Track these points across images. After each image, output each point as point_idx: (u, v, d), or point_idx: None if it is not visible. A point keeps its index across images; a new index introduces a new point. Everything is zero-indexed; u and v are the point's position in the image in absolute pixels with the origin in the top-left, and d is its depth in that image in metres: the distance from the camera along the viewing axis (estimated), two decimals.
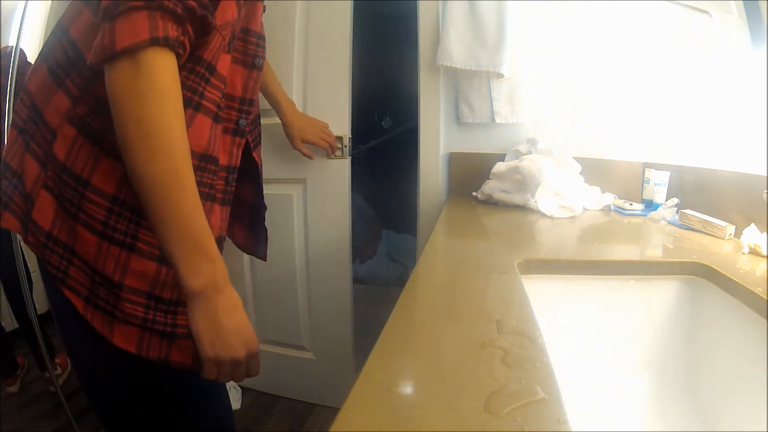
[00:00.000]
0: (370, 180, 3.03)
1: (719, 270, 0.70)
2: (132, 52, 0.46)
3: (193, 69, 0.58)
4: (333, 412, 1.37)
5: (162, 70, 0.48)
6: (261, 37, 0.67)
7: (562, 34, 1.35)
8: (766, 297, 0.59)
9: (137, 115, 0.48)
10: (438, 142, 1.48)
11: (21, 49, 1.38)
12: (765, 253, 0.77)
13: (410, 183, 1.75)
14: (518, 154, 1.32)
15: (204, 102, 0.61)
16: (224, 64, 0.62)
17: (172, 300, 0.62)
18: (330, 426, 0.32)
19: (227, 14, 0.57)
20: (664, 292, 0.76)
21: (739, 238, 0.84)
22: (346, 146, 1.47)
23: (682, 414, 0.69)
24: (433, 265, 0.76)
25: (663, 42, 1.27)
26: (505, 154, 1.35)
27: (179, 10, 0.48)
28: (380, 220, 2.92)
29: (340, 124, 1.47)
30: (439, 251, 0.85)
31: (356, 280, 2.71)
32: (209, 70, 0.60)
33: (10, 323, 1.71)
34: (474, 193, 1.34)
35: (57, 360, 1.78)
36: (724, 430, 0.61)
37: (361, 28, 1.59)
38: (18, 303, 1.54)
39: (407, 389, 0.38)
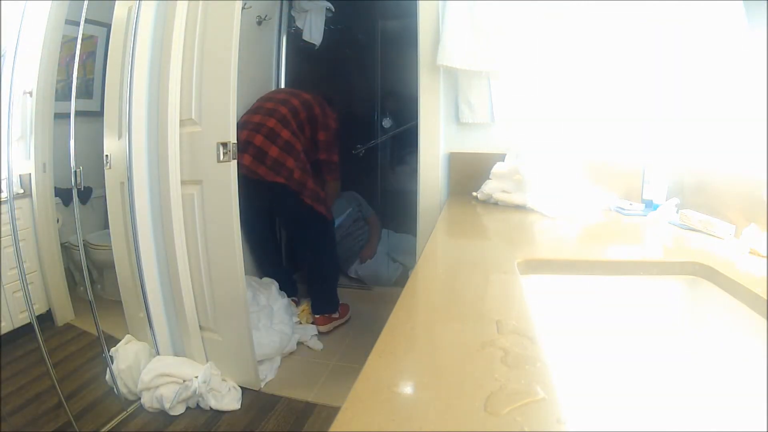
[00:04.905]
0: (370, 179, 3.03)
1: (719, 270, 0.70)
2: (336, 180, 2.36)
3: None
4: (333, 411, 1.37)
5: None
6: None
7: (562, 34, 1.35)
8: (766, 297, 0.59)
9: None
10: (438, 142, 1.48)
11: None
12: (765, 253, 0.77)
13: (410, 183, 1.78)
14: (518, 154, 1.32)
15: None
16: None
17: None
18: (330, 426, 0.32)
19: None
20: (664, 292, 0.76)
21: (739, 238, 0.84)
22: (230, 151, 1.58)
23: (682, 413, 0.69)
24: (433, 265, 0.76)
25: (663, 42, 1.27)
26: (505, 154, 1.35)
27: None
28: (380, 219, 2.92)
29: (225, 131, 1.56)
30: (439, 251, 0.85)
31: (356, 280, 2.72)
32: None
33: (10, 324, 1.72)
34: (474, 193, 1.34)
35: None
36: (724, 429, 0.61)
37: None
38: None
39: (407, 389, 0.38)
